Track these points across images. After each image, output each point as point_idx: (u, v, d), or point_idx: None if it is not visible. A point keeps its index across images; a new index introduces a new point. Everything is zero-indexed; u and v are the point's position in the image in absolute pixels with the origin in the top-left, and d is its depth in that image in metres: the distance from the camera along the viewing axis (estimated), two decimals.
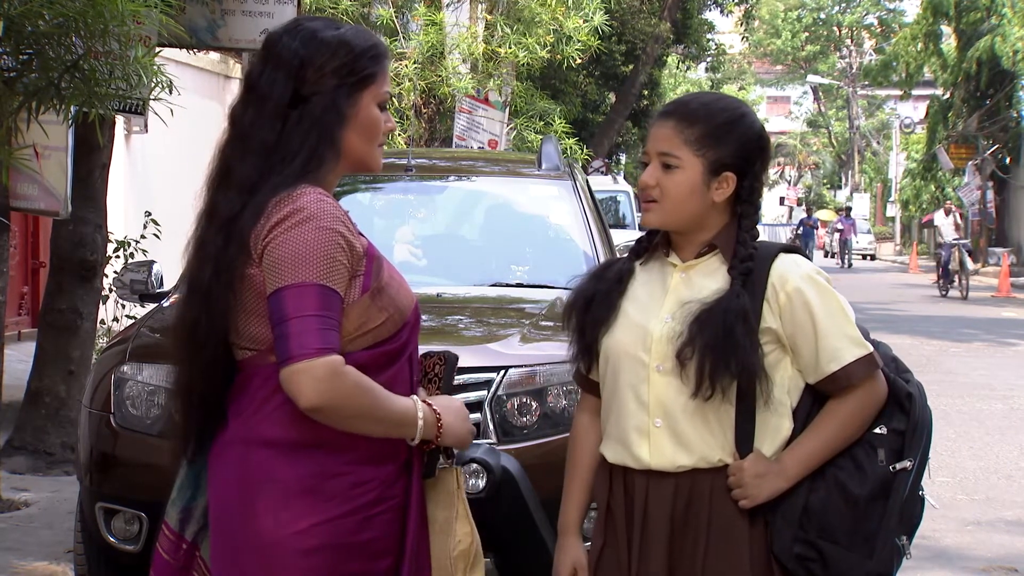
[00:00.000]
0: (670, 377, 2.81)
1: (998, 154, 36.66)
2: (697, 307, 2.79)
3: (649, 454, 2.83)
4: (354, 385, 2.57)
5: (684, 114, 2.87)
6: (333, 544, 2.60)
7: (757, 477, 2.78)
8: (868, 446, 2.83)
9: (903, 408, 2.87)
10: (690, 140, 2.84)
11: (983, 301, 25.74)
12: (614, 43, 23.12)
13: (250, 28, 8.58)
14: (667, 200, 2.85)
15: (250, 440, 2.65)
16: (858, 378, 2.81)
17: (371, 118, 2.73)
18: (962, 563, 6.73)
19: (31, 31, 5.56)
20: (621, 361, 2.87)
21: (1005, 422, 11.19)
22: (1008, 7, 31.65)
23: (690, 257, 2.90)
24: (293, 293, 2.56)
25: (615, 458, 2.88)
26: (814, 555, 2.79)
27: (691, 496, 2.81)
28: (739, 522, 2.81)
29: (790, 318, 2.82)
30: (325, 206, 2.61)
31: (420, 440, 2.68)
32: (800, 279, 2.84)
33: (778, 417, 2.83)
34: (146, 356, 5.01)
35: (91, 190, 8.37)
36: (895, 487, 2.82)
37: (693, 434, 2.81)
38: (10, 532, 6.69)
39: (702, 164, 2.84)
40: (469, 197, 7.12)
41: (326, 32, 2.72)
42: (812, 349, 2.81)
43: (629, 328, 2.88)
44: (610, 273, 2.97)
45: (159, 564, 2.79)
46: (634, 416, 2.85)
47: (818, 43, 61.78)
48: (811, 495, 2.80)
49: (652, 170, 2.87)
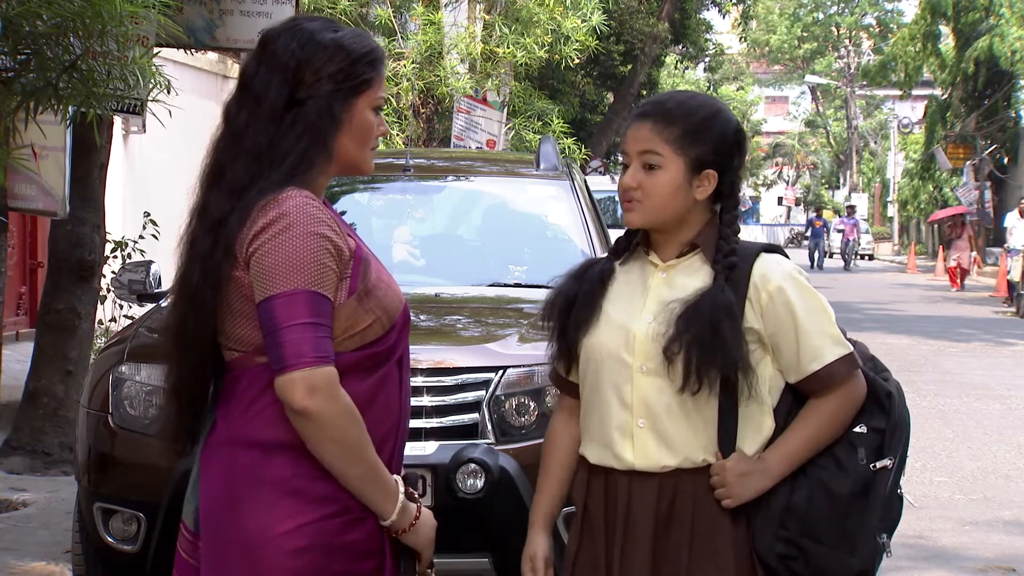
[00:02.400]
0: (653, 377, 2.81)
1: (996, 154, 36.66)
2: (679, 306, 2.79)
3: (633, 454, 2.83)
4: (348, 408, 2.57)
5: (662, 114, 2.86)
6: (318, 545, 2.60)
7: (741, 476, 2.79)
8: (848, 445, 2.85)
9: (882, 407, 2.88)
10: (670, 139, 2.84)
11: (981, 301, 25.76)
12: (612, 43, 23.12)
13: (248, 28, 8.58)
14: (649, 200, 2.85)
15: (237, 441, 2.65)
16: (840, 377, 2.82)
17: (365, 123, 2.72)
18: (960, 563, 6.73)
19: (29, 31, 5.55)
20: (603, 362, 2.87)
21: (1003, 422, 11.19)
22: (1006, 7, 31.66)
23: (671, 256, 2.90)
24: (284, 301, 2.55)
25: (597, 459, 2.88)
26: (796, 554, 2.80)
27: (674, 496, 2.82)
28: (722, 522, 2.81)
29: (772, 317, 2.82)
30: (310, 210, 2.60)
31: (390, 524, 2.63)
32: (782, 278, 2.85)
33: (760, 416, 2.84)
34: (144, 356, 5.00)
35: (89, 190, 8.37)
36: (875, 485, 2.84)
37: (677, 434, 2.81)
38: (8, 532, 6.69)
39: (684, 163, 2.84)
40: (467, 197, 7.12)
41: (324, 35, 2.70)
42: (794, 348, 2.82)
43: (611, 329, 2.87)
44: (591, 273, 2.96)
45: (180, 565, 2.79)
46: (617, 417, 2.85)
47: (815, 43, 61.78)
48: (793, 494, 2.81)
49: (634, 172, 2.87)
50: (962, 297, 26.74)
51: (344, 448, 2.57)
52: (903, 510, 2.94)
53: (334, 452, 2.57)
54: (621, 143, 2.91)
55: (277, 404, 2.58)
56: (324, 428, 2.55)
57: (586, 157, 17.66)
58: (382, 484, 2.62)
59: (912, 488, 8.38)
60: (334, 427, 2.55)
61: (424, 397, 4.80)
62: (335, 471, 2.58)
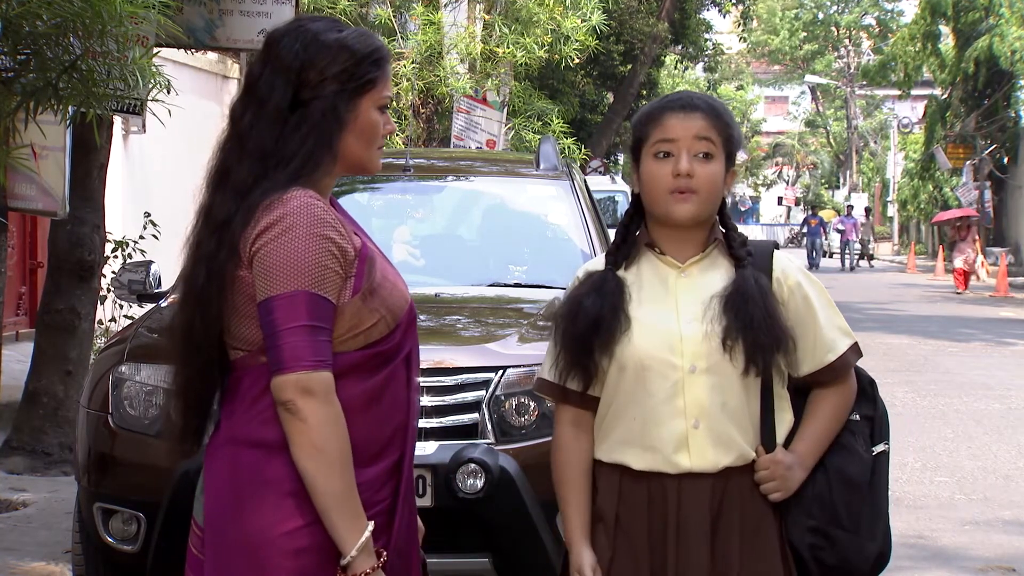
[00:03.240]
0: (706, 376, 2.82)
1: (996, 154, 36.64)
2: (719, 301, 2.82)
3: (689, 458, 2.82)
4: (336, 417, 2.56)
5: (708, 107, 2.89)
6: (321, 545, 2.59)
7: (788, 469, 2.84)
8: (849, 433, 2.93)
9: (867, 395, 2.98)
10: (720, 132, 2.87)
11: (981, 301, 25.75)
12: (612, 43, 23.13)
13: (248, 28, 8.59)
14: (703, 191, 2.84)
15: (240, 440, 2.65)
16: (850, 366, 2.92)
17: (370, 122, 2.72)
18: (960, 563, 6.73)
19: (29, 31, 5.55)
20: (646, 368, 2.83)
21: (1003, 422, 11.18)
22: (1006, 7, 31.65)
23: (691, 254, 2.90)
24: (284, 302, 2.55)
25: (645, 465, 2.83)
26: (824, 543, 2.85)
27: (724, 495, 2.84)
28: (767, 517, 2.86)
29: (794, 310, 2.88)
30: (314, 211, 2.60)
31: (347, 562, 2.57)
32: (797, 273, 2.93)
33: (782, 410, 2.90)
34: (144, 356, 5.01)
35: (89, 190, 8.37)
36: (878, 470, 2.93)
37: (731, 432, 2.83)
38: (8, 532, 6.69)
39: (724, 158, 2.88)
40: (467, 197, 7.12)
41: (328, 35, 2.70)
42: (812, 340, 2.88)
43: (650, 335, 2.84)
44: (608, 286, 2.90)
45: (192, 561, 2.80)
46: (668, 421, 2.82)
47: (816, 43, 61.77)
48: (815, 485, 2.87)
49: (688, 160, 2.83)
50: (963, 297, 26.72)
51: (324, 458, 2.55)
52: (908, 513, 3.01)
53: (314, 460, 2.55)
54: (651, 133, 2.85)
55: None
56: (308, 431, 2.54)
57: (586, 157, 17.66)
58: (351, 513, 2.57)
59: (912, 488, 8.38)
60: (318, 433, 2.54)
61: (424, 397, 4.79)
62: (309, 483, 2.55)
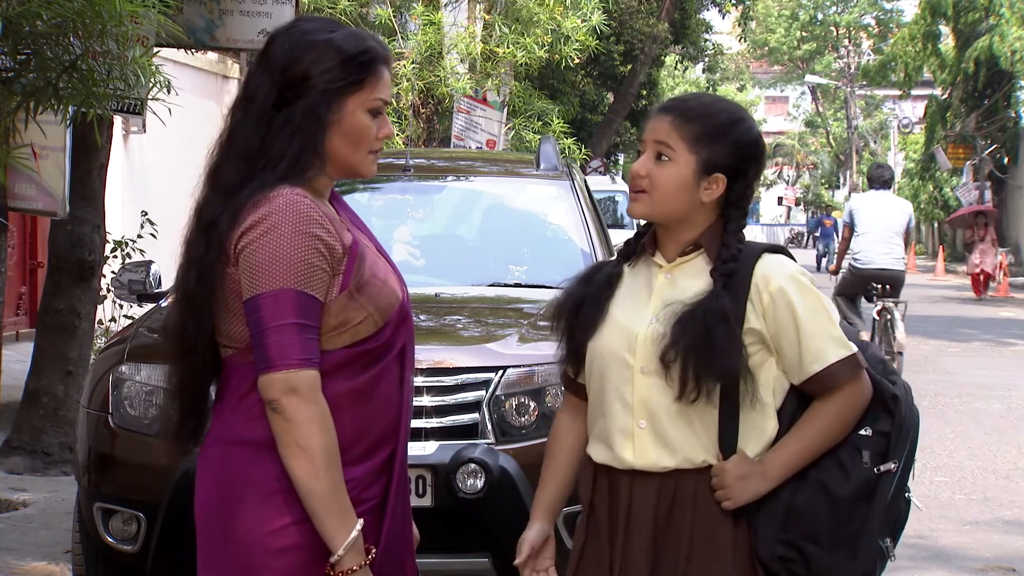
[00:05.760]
0: (654, 378, 2.81)
1: (996, 154, 36.63)
2: (680, 308, 2.80)
3: (633, 455, 2.84)
4: (322, 416, 2.56)
5: (683, 111, 2.88)
6: (308, 543, 2.59)
7: (740, 479, 2.78)
8: (853, 448, 2.83)
9: (888, 410, 2.86)
10: (686, 136, 2.85)
11: (981, 301, 25.74)
12: (612, 43, 23.12)
13: (248, 28, 8.58)
14: (656, 191, 2.86)
15: (228, 439, 2.65)
16: (842, 379, 2.81)
17: (357, 125, 2.68)
18: (960, 563, 6.73)
19: (29, 31, 5.55)
20: (607, 363, 2.88)
21: (1003, 422, 11.19)
22: (1006, 7, 31.63)
23: (674, 256, 2.90)
24: (270, 300, 2.55)
25: (601, 458, 2.89)
26: (796, 556, 2.79)
27: (675, 497, 2.82)
28: (723, 523, 2.81)
29: (773, 318, 2.82)
30: (300, 208, 2.59)
31: (336, 560, 2.57)
32: (783, 279, 2.84)
33: (762, 418, 2.83)
34: (144, 356, 5.01)
35: (89, 190, 8.37)
36: (879, 489, 2.83)
37: (677, 435, 2.81)
38: (8, 532, 6.68)
39: (695, 161, 2.84)
40: (467, 197, 7.12)
41: (318, 35, 2.68)
42: (795, 350, 2.81)
43: (615, 330, 2.88)
44: (600, 276, 2.97)
45: None
46: (619, 417, 2.85)
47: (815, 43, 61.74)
48: (794, 496, 2.80)
49: (645, 160, 2.88)
50: (963, 297, 26.68)
51: (309, 457, 2.54)
52: (909, 514, 2.93)
53: (300, 458, 2.54)
54: (638, 135, 2.92)
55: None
56: (293, 430, 2.54)
57: (586, 157, 17.65)
58: (339, 511, 2.57)
59: (912, 488, 8.37)
60: (303, 431, 2.53)
61: (424, 397, 4.80)
62: (296, 481, 2.55)
